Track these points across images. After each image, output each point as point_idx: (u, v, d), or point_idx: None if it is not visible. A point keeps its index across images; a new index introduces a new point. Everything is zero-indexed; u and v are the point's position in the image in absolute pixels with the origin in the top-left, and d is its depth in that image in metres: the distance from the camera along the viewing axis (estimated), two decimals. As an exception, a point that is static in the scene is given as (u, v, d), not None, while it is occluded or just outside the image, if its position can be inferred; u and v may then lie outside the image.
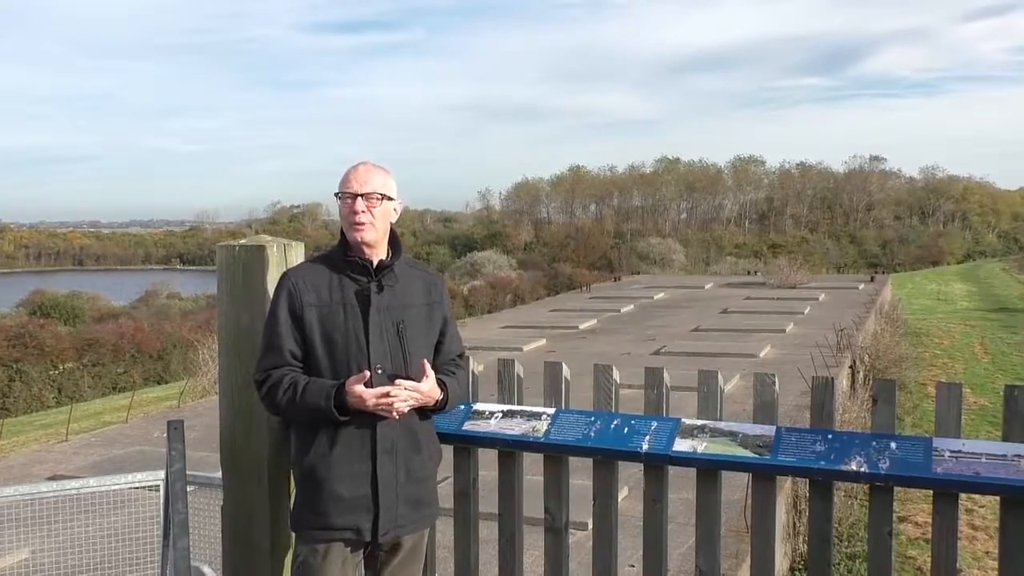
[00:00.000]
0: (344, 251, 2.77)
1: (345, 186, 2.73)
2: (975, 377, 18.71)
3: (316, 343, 2.69)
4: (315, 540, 2.71)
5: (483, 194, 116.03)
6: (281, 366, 2.69)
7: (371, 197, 2.71)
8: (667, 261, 64.53)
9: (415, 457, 2.76)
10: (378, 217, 2.73)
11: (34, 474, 9.35)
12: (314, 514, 2.71)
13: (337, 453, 2.67)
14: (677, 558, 5.80)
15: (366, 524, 2.69)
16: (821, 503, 2.72)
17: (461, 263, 62.21)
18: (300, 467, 2.74)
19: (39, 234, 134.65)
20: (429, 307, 2.85)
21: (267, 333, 2.74)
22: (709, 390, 2.87)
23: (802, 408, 9.54)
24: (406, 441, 2.73)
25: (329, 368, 2.68)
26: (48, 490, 4.02)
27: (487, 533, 3.16)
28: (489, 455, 3.09)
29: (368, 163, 2.79)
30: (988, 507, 9.43)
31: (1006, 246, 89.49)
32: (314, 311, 2.69)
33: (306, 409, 2.64)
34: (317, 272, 2.75)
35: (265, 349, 2.74)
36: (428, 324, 2.83)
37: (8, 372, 24.29)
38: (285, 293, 2.72)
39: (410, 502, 2.76)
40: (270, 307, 2.76)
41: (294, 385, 2.65)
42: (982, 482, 2.47)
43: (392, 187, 2.79)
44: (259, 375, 2.72)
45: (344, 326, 2.69)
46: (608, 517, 2.95)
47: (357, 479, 2.67)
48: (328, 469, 2.67)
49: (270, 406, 2.73)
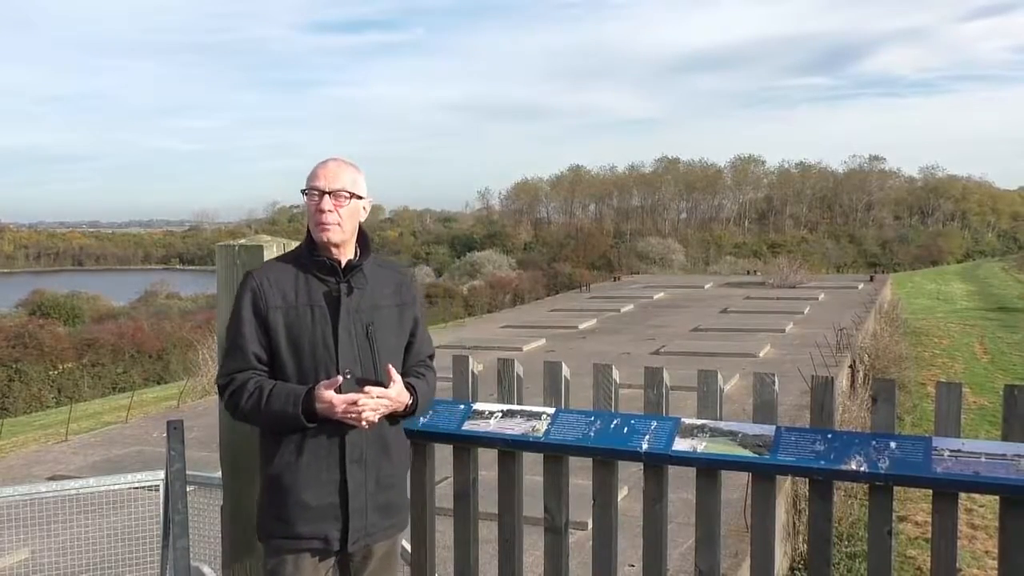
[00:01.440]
0: (311, 250, 2.66)
1: (312, 182, 2.62)
2: (974, 377, 18.71)
3: (282, 346, 2.59)
4: (283, 550, 2.62)
5: (483, 194, 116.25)
6: (245, 369, 2.59)
7: (339, 195, 2.61)
8: (667, 261, 64.55)
9: (385, 463, 2.68)
10: (346, 217, 2.62)
11: (34, 474, 9.34)
12: (280, 522, 2.62)
13: (304, 461, 2.58)
14: (677, 558, 5.80)
15: (334, 533, 2.61)
16: (821, 502, 2.72)
17: (461, 263, 62.28)
18: (265, 474, 2.65)
19: (38, 234, 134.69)
20: (400, 308, 2.75)
21: (230, 335, 2.63)
22: (709, 390, 2.88)
23: (802, 408, 9.54)
24: (375, 448, 2.65)
25: (296, 372, 2.58)
26: (48, 490, 4.03)
27: (487, 533, 3.16)
28: (489, 455, 3.09)
29: (338, 159, 2.68)
30: (988, 507, 9.42)
31: (1005, 246, 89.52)
32: (280, 313, 2.59)
33: (272, 415, 2.54)
34: (283, 272, 2.65)
35: (228, 352, 2.63)
36: (398, 326, 2.74)
37: (8, 372, 24.32)
38: (249, 293, 2.62)
39: (380, 509, 2.68)
40: (233, 307, 2.65)
41: (259, 390, 2.55)
42: (982, 482, 2.47)
43: (361, 185, 2.68)
44: (222, 379, 2.62)
45: (312, 329, 2.59)
46: (608, 517, 2.95)
47: (325, 487, 2.59)
48: (295, 477, 2.58)
49: (233, 412, 2.62)
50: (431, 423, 3.10)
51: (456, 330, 22.16)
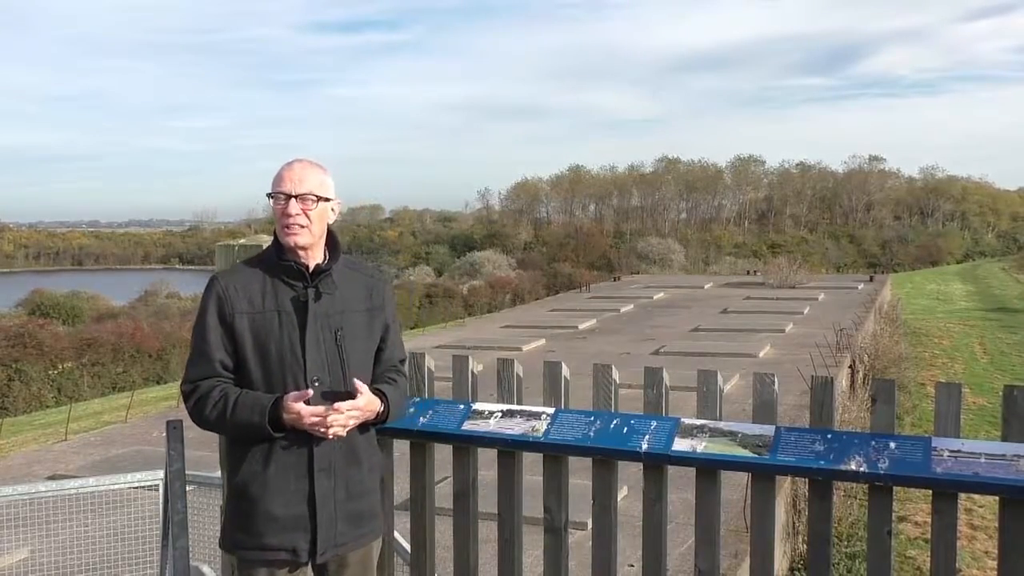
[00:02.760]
0: (278, 254, 2.60)
1: (278, 186, 2.56)
2: (974, 377, 18.71)
3: (248, 353, 2.53)
4: (253, 562, 2.57)
5: (483, 194, 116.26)
6: (211, 376, 2.53)
7: (306, 199, 2.55)
8: (666, 261, 64.57)
9: (355, 472, 2.63)
10: (314, 220, 2.56)
11: (33, 473, 9.34)
12: (246, 534, 2.56)
13: (272, 471, 2.52)
14: (677, 558, 5.80)
15: (303, 544, 2.55)
16: (820, 503, 2.72)
17: (461, 263, 62.29)
18: (232, 483, 2.60)
19: (38, 234, 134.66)
20: (370, 312, 2.68)
21: (195, 341, 2.57)
22: (708, 390, 2.87)
23: (802, 408, 9.54)
24: (345, 457, 2.59)
25: (262, 379, 2.53)
26: (47, 490, 4.03)
27: (487, 533, 3.16)
28: (489, 455, 3.09)
29: (304, 160, 2.62)
30: (987, 507, 9.42)
31: (1005, 246, 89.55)
32: (246, 319, 2.53)
33: (238, 424, 2.48)
34: (249, 276, 2.59)
35: (192, 358, 2.57)
36: (368, 331, 2.68)
37: (7, 372, 24.29)
38: (214, 298, 2.55)
39: (350, 519, 2.62)
40: (198, 313, 2.59)
41: (224, 398, 2.49)
42: (981, 482, 2.47)
43: (329, 186, 2.63)
44: (186, 386, 2.56)
45: (279, 335, 2.53)
46: (607, 517, 2.95)
47: (293, 497, 2.53)
48: (262, 487, 2.53)
49: (198, 420, 2.55)
50: (431, 423, 3.10)
51: (456, 330, 22.16)
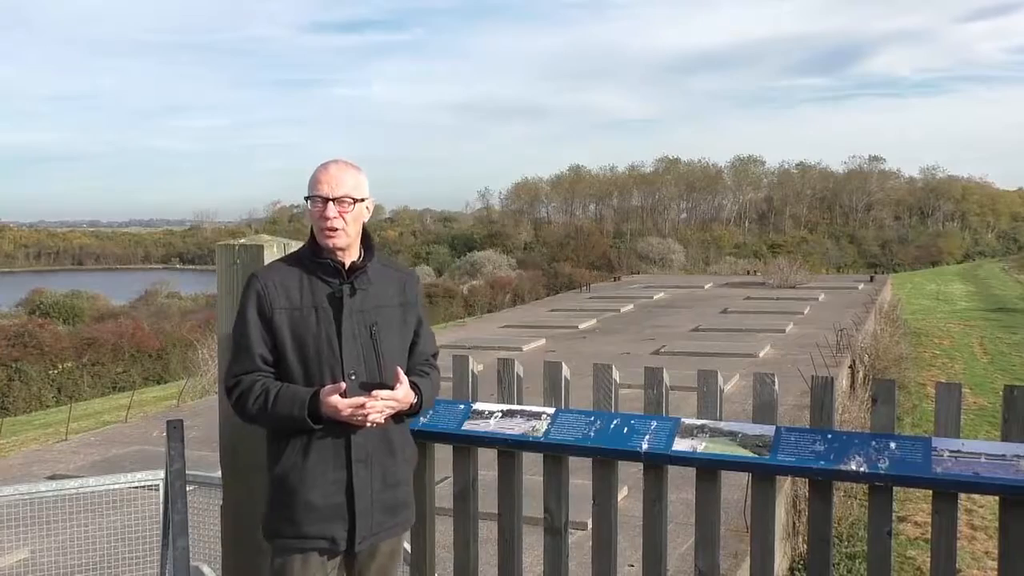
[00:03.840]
0: (315, 252, 2.68)
1: (315, 189, 2.62)
2: (974, 377, 18.72)
3: (287, 348, 2.61)
4: (290, 549, 2.65)
5: (483, 194, 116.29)
6: (252, 371, 2.61)
7: (343, 202, 2.61)
8: (667, 261, 64.57)
9: (390, 462, 2.70)
10: (350, 222, 2.63)
11: (33, 473, 9.34)
12: (287, 523, 2.64)
13: (311, 461, 2.60)
14: (677, 558, 5.80)
15: (341, 533, 2.63)
16: (820, 503, 2.72)
17: (461, 263, 62.27)
18: (272, 474, 2.67)
19: (38, 233, 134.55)
20: (403, 307, 2.77)
21: (236, 337, 2.66)
22: (709, 390, 2.88)
23: (802, 408, 9.54)
24: (380, 447, 2.68)
25: (301, 373, 2.61)
26: (47, 489, 4.03)
27: (487, 533, 3.16)
28: (489, 455, 3.09)
29: (339, 162, 2.68)
30: (987, 507, 9.43)
31: (1005, 246, 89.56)
32: (285, 314, 2.61)
33: (278, 417, 2.57)
34: (287, 274, 2.67)
35: (235, 354, 2.66)
36: (402, 325, 2.76)
37: (7, 372, 24.30)
38: (254, 295, 2.64)
39: (386, 508, 2.70)
40: (238, 310, 2.68)
41: (266, 392, 2.57)
42: (981, 482, 2.47)
43: (364, 186, 2.69)
44: (230, 380, 2.65)
45: (316, 330, 2.61)
46: (607, 517, 2.95)
47: (331, 487, 2.61)
48: (301, 477, 2.61)
49: (241, 413, 2.65)
50: (431, 423, 3.10)
51: (456, 330, 22.16)
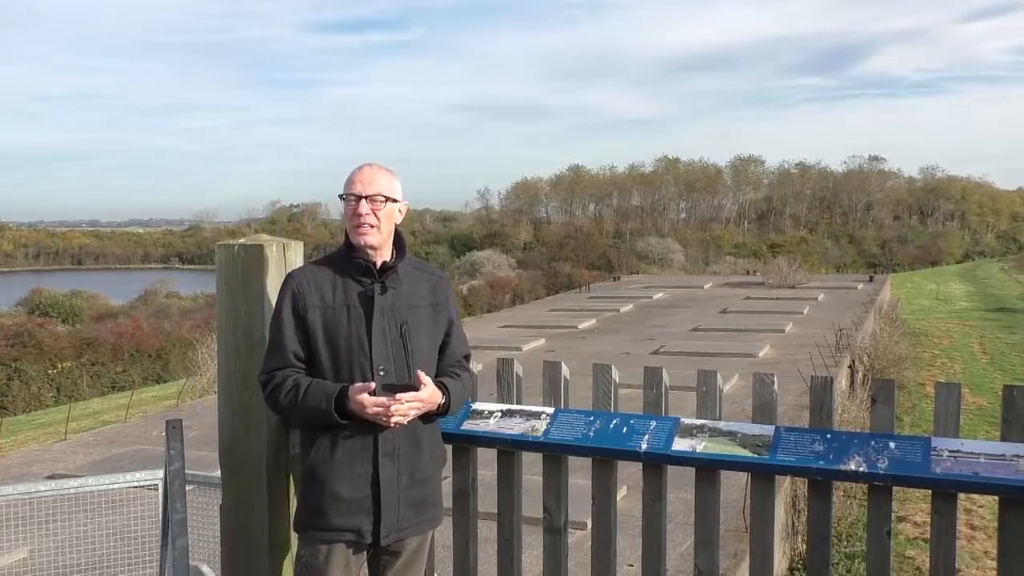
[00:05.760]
0: (348, 252, 2.78)
1: (349, 188, 2.74)
2: (974, 377, 18.72)
3: (319, 345, 2.70)
4: (317, 541, 2.72)
5: (482, 194, 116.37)
6: (285, 367, 2.70)
7: (375, 200, 2.71)
8: (666, 261, 64.56)
9: (417, 458, 2.76)
10: (382, 220, 2.73)
11: (33, 473, 9.34)
12: (315, 515, 2.72)
13: (339, 455, 2.68)
14: (676, 558, 5.80)
15: (367, 526, 2.70)
16: (820, 503, 2.72)
17: (460, 263, 62.21)
18: (303, 467, 2.76)
19: (38, 233, 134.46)
20: (434, 308, 2.84)
21: (272, 334, 2.76)
22: (708, 390, 2.88)
23: (801, 408, 9.55)
24: (408, 443, 2.74)
25: (332, 370, 2.69)
26: (47, 489, 4.02)
27: (486, 532, 3.16)
28: (488, 454, 3.09)
29: (373, 164, 2.79)
30: (987, 507, 9.43)
31: (1005, 246, 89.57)
32: (318, 312, 2.70)
33: (307, 411, 2.65)
34: (321, 273, 2.76)
35: (270, 350, 2.76)
36: (433, 325, 2.83)
37: (7, 371, 24.30)
38: (289, 294, 2.74)
39: (413, 504, 2.76)
40: (275, 307, 2.78)
41: (296, 387, 2.66)
42: (981, 482, 2.47)
43: (397, 188, 2.79)
44: (263, 376, 2.74)
45: (347, 328, 2.69)
46: (607, 517, 2.96)
47: (358, 480, 2.68)
48: (330, 470, 2.68)
49: (273, 407, 2.75)
50: (430, 423, 3.10)
51: (456, 330, 22.12)
